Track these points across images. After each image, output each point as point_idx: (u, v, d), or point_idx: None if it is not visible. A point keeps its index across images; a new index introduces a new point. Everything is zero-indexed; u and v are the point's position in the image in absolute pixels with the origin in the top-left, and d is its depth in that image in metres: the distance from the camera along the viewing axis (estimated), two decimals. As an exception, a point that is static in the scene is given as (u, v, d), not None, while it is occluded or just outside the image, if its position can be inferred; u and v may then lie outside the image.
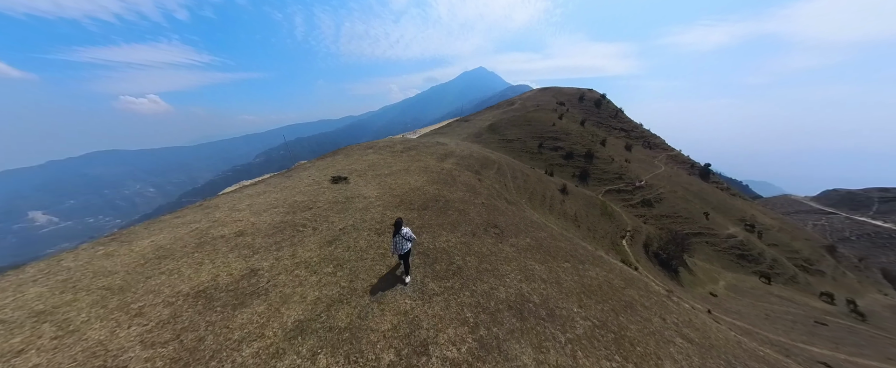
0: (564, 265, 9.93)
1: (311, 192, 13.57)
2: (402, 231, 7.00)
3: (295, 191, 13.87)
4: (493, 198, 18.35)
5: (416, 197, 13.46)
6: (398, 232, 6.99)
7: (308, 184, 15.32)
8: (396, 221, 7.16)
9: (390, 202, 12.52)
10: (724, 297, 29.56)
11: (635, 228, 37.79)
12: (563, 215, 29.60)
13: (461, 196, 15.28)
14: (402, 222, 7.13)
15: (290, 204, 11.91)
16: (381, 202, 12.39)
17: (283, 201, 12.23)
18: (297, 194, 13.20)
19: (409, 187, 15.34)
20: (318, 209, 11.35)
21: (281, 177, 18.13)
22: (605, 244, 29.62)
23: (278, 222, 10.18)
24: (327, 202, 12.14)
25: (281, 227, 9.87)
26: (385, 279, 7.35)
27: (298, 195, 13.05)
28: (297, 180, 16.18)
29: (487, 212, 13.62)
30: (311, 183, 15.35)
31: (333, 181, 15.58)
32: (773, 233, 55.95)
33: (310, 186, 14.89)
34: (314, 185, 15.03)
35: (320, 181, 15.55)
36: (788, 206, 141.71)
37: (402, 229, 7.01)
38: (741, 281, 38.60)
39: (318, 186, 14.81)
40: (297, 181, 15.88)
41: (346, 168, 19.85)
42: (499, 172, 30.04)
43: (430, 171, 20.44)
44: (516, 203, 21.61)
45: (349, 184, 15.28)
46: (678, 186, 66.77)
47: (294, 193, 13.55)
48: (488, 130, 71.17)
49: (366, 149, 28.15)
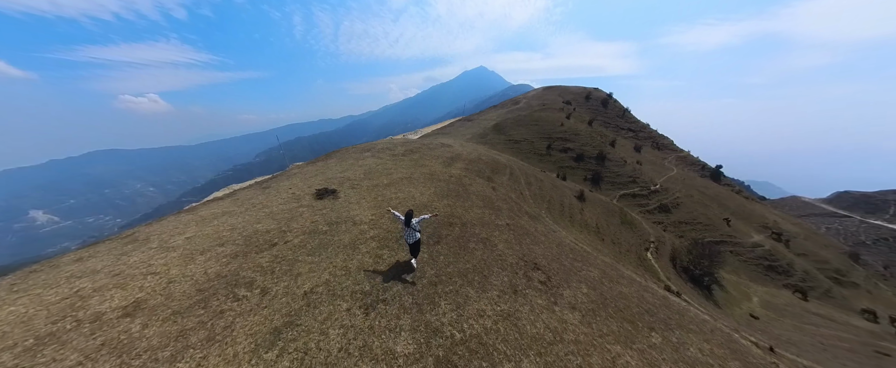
0: (654, 341, 6.68)
1: (285, 213, 10.37)
2: (412, 223, 6.97)
3: (264, 212, 10.65)
4: (515, 214, 15.11)
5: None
6: (408, 224, 6.96)
7: (285, 200, 12.12)
8: (407, 212, 7.04)
9: (389, 229, 9.33)
10: (765, 319, 26.34)
11: (658, 238, 34.51)
12: (584, 226, 26.36)
13: (479, 215, 12.07)
14: (412, 214, 7.05)
15: (249, 236, 8.66)
16: (376, 232, 9.10)
17: (241, 231, 8.97)
18: (265, 218, 9.97)
19: (414, 204, 12.12)
20: (284, 247, 8.06)
21: (256, 189, 14.91)
22: (632, 259, 26.36)
23: (213, 277, 6.78)
24: (302, 233, 8.86)
25: (211, 290, 6.40)
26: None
27: (266, 220, 9.81)
28: (273, 195, 12.98)
29: (517, 240, 10.40)
30: (290, 199, 12.14)
31: (318, 197, 12.37)
32: (799, 241, 52.54)
33: (286, 202, 11.68)
34: (292, 201, 11.82)
35: (301, 196, 12.34)
36: (798, 209, 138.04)
37: (412, 221, 6.98)
38: (774, 296, 35.27)
39: (298, 203, 11.61)
40: (273, 196, 12.67)
41: (338, 176, 16.65)
42: (512, 177, 26.81)
43: (437, 179, 17.23)
44: (539, 217, 18.40)
45: (337, 200, 12.08)
46: (693, 189, 63.40)
47: (262, 215, 10.32)
48: (493, 130, 67.96)
49: (363, 152, 24.95)
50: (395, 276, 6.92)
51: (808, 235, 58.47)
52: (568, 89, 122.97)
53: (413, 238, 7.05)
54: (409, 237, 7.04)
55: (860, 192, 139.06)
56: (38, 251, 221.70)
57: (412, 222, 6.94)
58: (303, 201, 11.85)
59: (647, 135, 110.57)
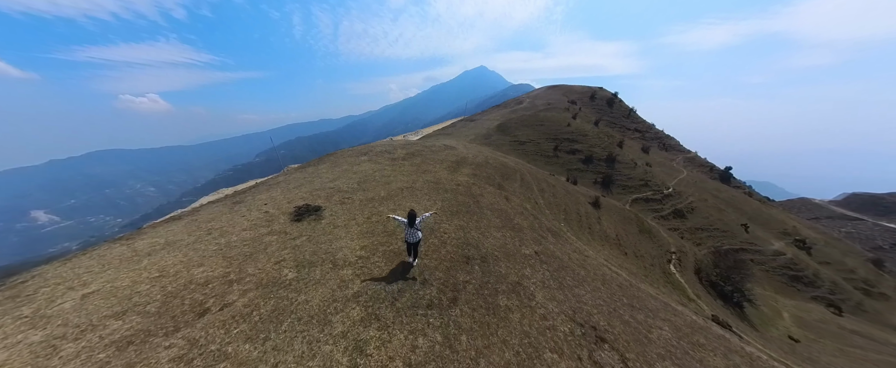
0: None
1: (245, 246, 7.81)
2: (416, 223, 6.78)
3: (219, 243, 8.08)
4: (538, 234, 12.53)
5: (431, 252, 7.75)
6: (412, 225, 6.74)
7: (254, 222, 9.56)
8: (410, 213, 6.76)
9: (382, 270, 6.78)
10: (805, 342, 23.75)
11: (679, 248, 31.86)
12: (604, 239, 23.78)
13: (500, 242, 9.53)
14: (415, 215, 6.80)
15: (175, 293, 6.04)
16: (362, 284, 6.33)
17: (170, 280, 6.35)
18: (214, 255, 7.38)
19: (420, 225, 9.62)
20: (217, 318, 5.30)
21: (226, 205, 12.35)
22: (657, 274, 23.76)
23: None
24: (255, 286, 6.20)
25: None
26: None
27: (213, 259, 7.20)
28: (241, 214, 10.43)
29: (556, 281, 7.85)
30: (260, 221, 9.59)
31: (295, 217, 9.80)
32: (820, 248, 49.79)
33: (254, 227, 9.12)
34: (262, 225, 9.27)
35: (275, 217, 9.79)
36: (808, 211, 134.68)
37: (416, 221, 6.78)
38: (805, 312, 32.59)
39: (268, 227, 9.06)
40: (241, 216, 10.12)
41: (328, 186, 14.11)
42: (523, 184, 24.24)
43: (443, 188, 14.68)
44: (561, 234, 15.83)
45: (320, 221, 9.53)
46: (707, 193, 60.68)
47: (212, 249, 7.72)
48: (497, 130, 65.36)
49: (359, 155, 22.40)
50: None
51: (828, 241, 55.66)
52: (572, 89, 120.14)
53: (415, 238, 6.87)
54: (410, 236, 6.83)
55: (870, 193, 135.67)
56: (40, 251, 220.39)
57: (416, 222, 6.75)
58: (275, 223, 9.30)
59: (653, 135, 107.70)
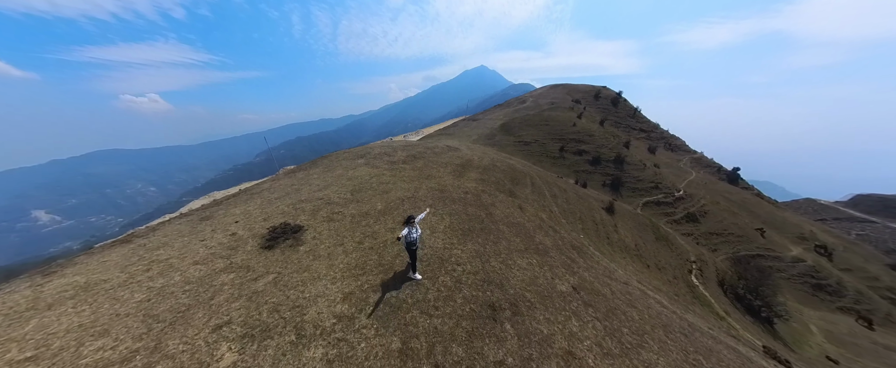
0: None
1: (186, 294, 5.84)
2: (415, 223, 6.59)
3: (151, 288, 6.11)
4: (568, 258, 10.53)
5: (442, 303, 5.78)
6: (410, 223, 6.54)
7: (211, 251, 7.56)
8: (407, 219, 6.59)
9: (376, 345, 4.82)
10: (844, 361, 21.73)
11: (698, 257, 29.81)
12: (624, 249, 21.78)
13: (528, 275, 7.55)
14: (413, 217, 6.67)
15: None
16: (334, 365, 4.42)
17: (47, 363, 4.43)
18: (132, 313, 5.40)
19: (428, 250, 7.65)
20: None
21: (191, 223, 10.37)
22: (681, 288, 21.76)
23: None
24: (195, 361, 4.30)
25: None
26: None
27: (129, 319, 5.22)
28: (201, 238, 8.42)
29: (611, 334, 5.89)
30: (220, 248, 7.59)
31: (268, 242, 7.80)
32: (839, 254, 47.65)
33: (209, 259, 7.14)
34: (221, 256, 7.29)
35: (242, 241, 7.81)
36: (813, 212, 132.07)
37: (415, 220, 6.62)
38: (832, 324, 30.51)
39: (227, 260, 7.08)
40: (200, 241, 8.12)
41: (316, 196, 12.15)
42: (535, 190, 22.21)
43: (450, 198, 12.70)
44: (585, 250, 13.83)
45: (298, 249, 7.54)
46: (719, 195, 58.52)
47: (135, 301, 5.76)
48: (501, 130, 63.36)
49: (356, 158, 20.43)
50: None
51: (846, 245, 53.47)
52: (576, 88, 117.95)
53: (414, 235, 6.54)
54: (409, 235, 6.42)
55: (877, 194, 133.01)
56: (41, 251, 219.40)
57: (415, 221, 6.56)
58: (239, 253, 7.30)
59: (658, 135, 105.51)
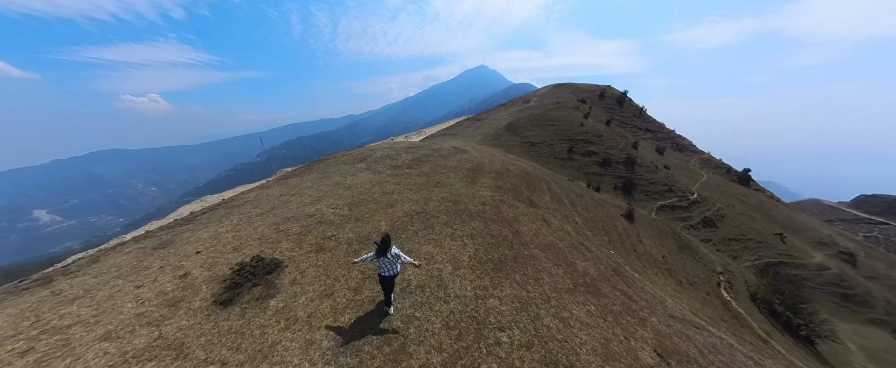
0: None
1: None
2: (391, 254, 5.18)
3: (81, 352, 4.23)
4: (625, 295, 8.57)
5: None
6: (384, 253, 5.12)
7: (137, 311, 5.71)
8: (383, 238, 5.15)
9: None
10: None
11: (725, 267, 27.81)
12: (650, 262, 19.81)
13: (599, 339, 5.59)
14: (390, 240, 5.18)
15: None
16: None
17: None
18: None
19: (446, 293, 5.71)
20: None
21: (132, 255, 8.45)
22: (715, 307, 19.74)
23: None
24: None
25: None
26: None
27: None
28: (139, 281, 6.56)
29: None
30: (156, 304, 5.75)
31: (224, 295, 5.83)
32: (862, 260, 45.55)
33: (137, 320, 5.34)
34: (149, 322, 5.46)
35: (191, 292, 5.95)
36: (820, 213, 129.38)
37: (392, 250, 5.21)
38: (866, 338, 28.50)
39: (155, 329, 5.26)
40: (131, 290, 6.26)
41: (306, 212, 10.20)
42: (553, 197, 20.21)
43: (467, 212, 10.74)
44: (624, 272, 11.84)
45: (266, 307, 5.60)
46: (733, 198, 56.39)
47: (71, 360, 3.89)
48: (506, 130, 61.38)
49: (355, 162, 18.49)
50: None
51: (867, 251, 51.29)
52: (580, 87, 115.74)
53: (394, 270, 5.19)
54: (386, 268, 5.14)
55: (883, 195, 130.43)
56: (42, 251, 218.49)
57: (391, 252, 5.10)
58: (177, 315, 5.43)
59: (665, 135, 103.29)
